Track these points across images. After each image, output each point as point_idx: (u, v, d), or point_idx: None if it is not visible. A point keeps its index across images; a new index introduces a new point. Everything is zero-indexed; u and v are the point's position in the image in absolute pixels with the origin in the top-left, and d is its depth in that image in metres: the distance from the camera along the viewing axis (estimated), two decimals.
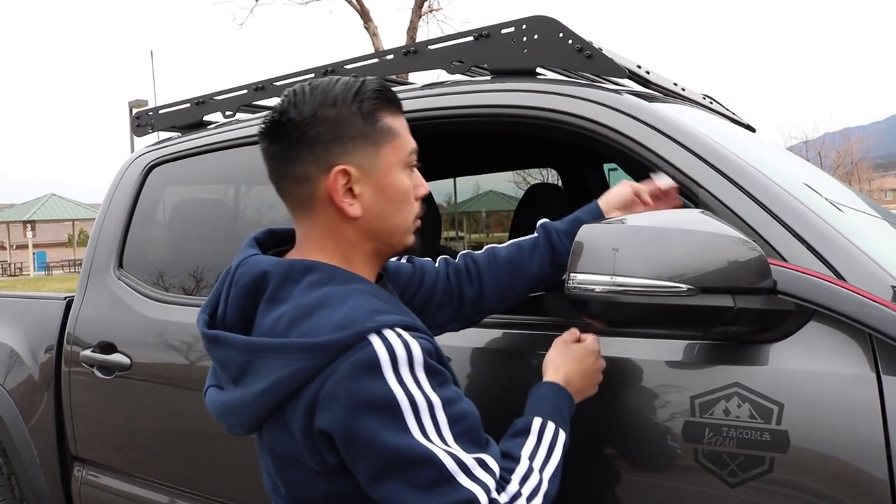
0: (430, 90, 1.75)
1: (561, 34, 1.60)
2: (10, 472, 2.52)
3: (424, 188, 1.14)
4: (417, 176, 1.13)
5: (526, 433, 1.08)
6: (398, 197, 1.09)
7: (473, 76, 1.83)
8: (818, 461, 1.11)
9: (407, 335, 0.96)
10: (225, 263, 1.13)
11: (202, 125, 2.44)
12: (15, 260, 36.02)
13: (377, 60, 1.99)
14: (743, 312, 1.14)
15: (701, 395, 1.21)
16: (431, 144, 1.14)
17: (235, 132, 2.16)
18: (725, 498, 1.17)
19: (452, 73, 1.80)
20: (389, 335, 0.95)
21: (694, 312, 1.13)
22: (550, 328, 1.41)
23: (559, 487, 1.05)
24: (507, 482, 0.98)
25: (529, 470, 1.01)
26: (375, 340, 0.94)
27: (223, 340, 1.02)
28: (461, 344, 1.46)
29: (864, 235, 1.37)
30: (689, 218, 1.19)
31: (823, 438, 1.11)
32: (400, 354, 0.94)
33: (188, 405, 1.95)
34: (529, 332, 1.48)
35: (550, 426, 1.09)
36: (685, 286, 1.11)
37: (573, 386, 1.19)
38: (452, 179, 4.96)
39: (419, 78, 2.21)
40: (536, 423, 1.09)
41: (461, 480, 0.92)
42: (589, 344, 1.25)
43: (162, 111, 2.52)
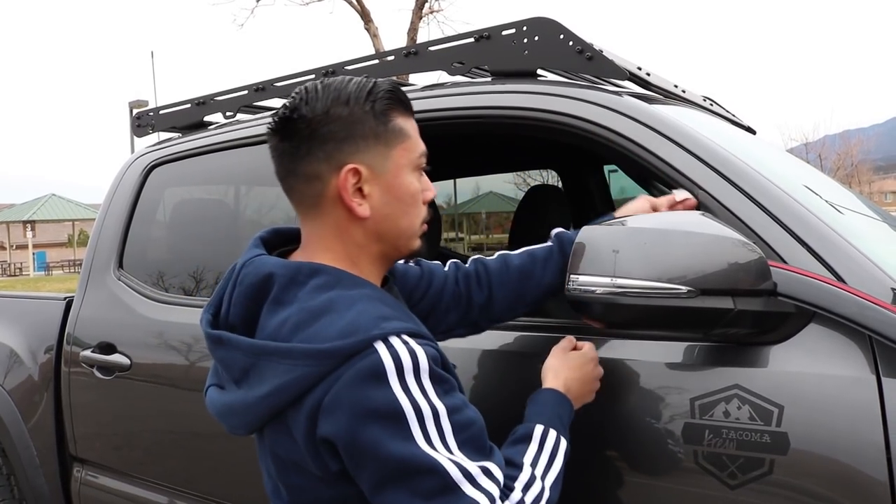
0: (430, 91, 1.75)
1: (561, 36, 1.61)
2: (9, 472, 2.51)
3: (432, 192, 1.14)
4: (426, 179, 1.13)
5: (527, 440, 1.08)
6: (407, 199, 1.09)
7: (474, 77, 1.82)
8: (818, 463, 1.11)
9: (413, 342, 0.95)
10: (225, 264, 1.13)
11: (202, 126, 2.43)
12: (15, 260, 35.99)
13: (378, 61, 1.99)
14: (743, 314, 1.14)
15: (701, 396, 1.21)
16: (432, 145, 1.14)
17: (236, 133, 2.16)
18: (725, 500, 1.17)
19: (453, 74, 1.80)
20: (395, 342, 0.94)
21: (694, 314, 1.13)
22: (556, 330, 1.41)
23: (560, 494, 1.05)
24: (510, 490, 0.97)
25: (532, 478, 1.01)
26: (381, 348, 0.93)
27: (227, 341, 1.01)
28: (462, 345, 1.46)
29: (864, 238, 1.37)
30: (689, 220, 1.19)
31: (823, 440, 1.11)
32: (406, 362, 0.93)
33: (188, 406, 1.95)
34: (534, 333, 1.48)
35: (552, 433, 1.09)
36: (685, 288, 1.11)
37: (573, 393, 1.18)
38: (452, 181, 4.96)
39: (420, 79, 2.21)
40: (538, 430, 1.09)
41: (465, 489, 0.91)
42: (587, 351, 1.25)
43: (162, 112, 2.52)
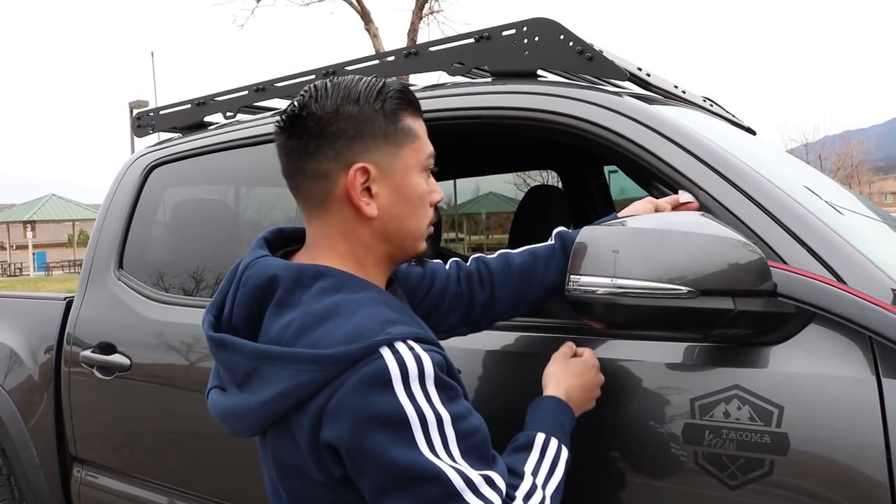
0: (430, 92, 1.75)
1: (562, 36, 1.61)
2: (9, 472, 2.51)
3: (439, 194, 1.13)
4: (433, 181, 1.12)
5: (529, 448, 1.07)
6: (415, 200, 1.08)
7: (474, 78, 1.83)
8: (818, 464, 1.11)
9: (419, 348, 0.94)
10: (225, 264, 1.12)
11: (203, 126, 2.43)
12: (15, 260, 35.99)
13: (378, 62, 1.99)
14: (743, 315, 1.13)
15: (701, 397, 1.21)
16: (432, 146, 1.14)
17: (236, 133, 2.15)
18: (725, 500, 1.17)
19: (453, 74, 1.80)
20: (401, 348, 0.93)
21: (694, 315, 1.13)
22: (556, 330, 1.41)
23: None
24: (511, 499, 0.96)
25: (533, 487, 1.00)
26: (386, 354, 0.92)
27: (229, 345, 1.00)
28: (463, 345, 1.46)
29: (864, 238, 1.37)
30: (689, 220, 1.19)
31: (823, 441, 1.11)
32: (411, 368, 0.92)
33: (188, 406, 1.95)
34: (535, 334, 1.48)
35: (553, 442, 1.08)
36: (685, 288, 1.11)
37: (574, 400, 1.18)
38: (453, 181, 4.96)
39: (420, 80, 2.22)
40: (539, 438, 1.08)
41: (467, 498, 0.90)
42: (588, 358, 1.25)
43: (162, 112, 2.52)
